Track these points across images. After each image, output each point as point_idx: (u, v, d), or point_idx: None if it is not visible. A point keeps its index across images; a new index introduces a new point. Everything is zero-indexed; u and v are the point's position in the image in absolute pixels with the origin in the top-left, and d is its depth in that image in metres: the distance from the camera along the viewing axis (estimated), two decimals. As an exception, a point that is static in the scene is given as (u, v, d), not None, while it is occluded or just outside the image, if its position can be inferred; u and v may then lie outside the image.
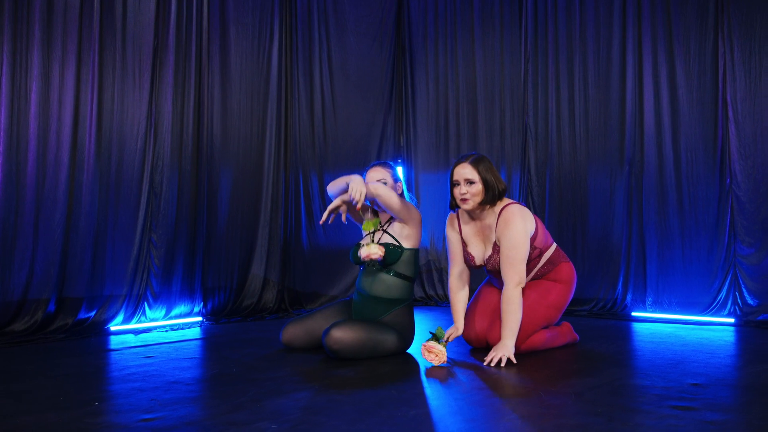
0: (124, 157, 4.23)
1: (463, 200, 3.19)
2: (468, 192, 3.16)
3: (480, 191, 3.17)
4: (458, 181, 3.20)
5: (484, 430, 2.03)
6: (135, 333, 4.08)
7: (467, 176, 3.17)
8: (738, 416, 2.16)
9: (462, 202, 3.20)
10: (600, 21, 4.88)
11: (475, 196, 3.17)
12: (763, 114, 4.26)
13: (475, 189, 3.16)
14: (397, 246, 3.29)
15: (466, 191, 3.17)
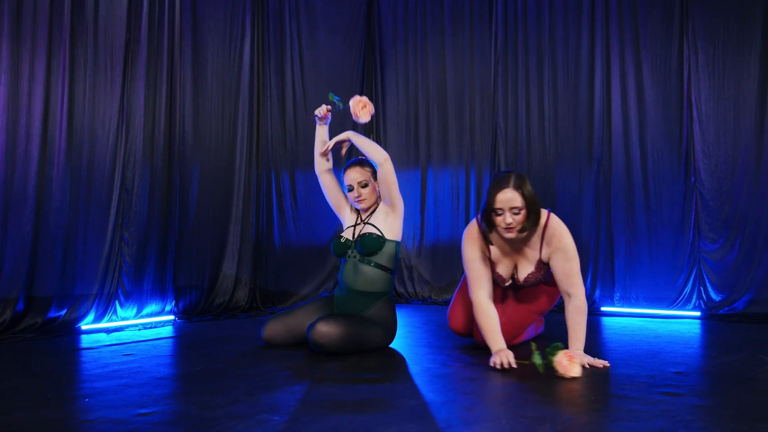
0: (96, 153, 4.14)
1: (508, 230, 2.85)
2: (514, 221, 2.83)
3: (525, 217, 2.84)
4: (502, 210, 2.83)
5: (483, 416, 2.06)
6: (107, 332, 4.00)
7: (513, 204, 2.81)
8: (723, 401, 2.24)
9: (507, 231, 2.86)
10: (569, 24, 4.98)
11: (521, 224, 2.85)
12: (726, 115, 4.42)
13: (521, 217, 2.83)
14: (379, 236, 3.31)
15: (512, 221, 2.82)
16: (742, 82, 4.39)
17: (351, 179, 3.43)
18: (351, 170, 3.46)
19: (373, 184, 3.43)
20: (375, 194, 3.45)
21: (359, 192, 3.40)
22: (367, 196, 3.41)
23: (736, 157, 4.40)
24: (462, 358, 3.09)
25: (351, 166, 3.48)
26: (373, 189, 3.43)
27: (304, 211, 5.31)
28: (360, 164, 3.47)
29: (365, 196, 3.41)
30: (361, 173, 3.42)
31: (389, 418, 2.06)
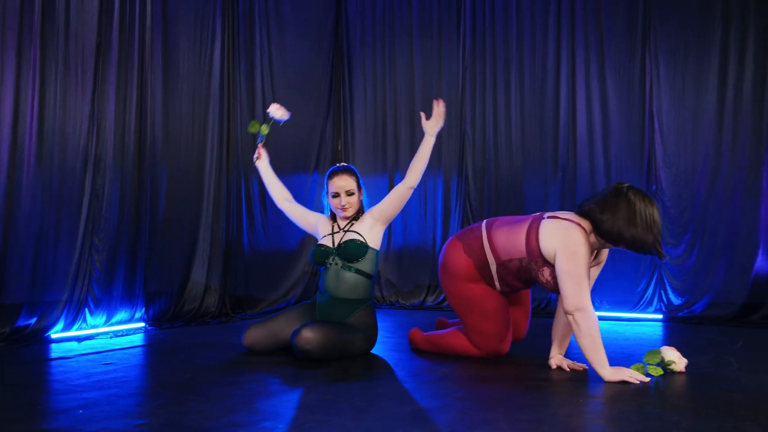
0: (67, 158, 4.07)
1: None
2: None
3: None
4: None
5: (482, 420, 2.13)
6: (78, 340, 3.94)
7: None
8: (703, 401, 2.37)
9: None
10: (536, 34, 5.12)
11: None
12: (686, 126, 4.62)
13: None
14: (363, 243, 3.36)
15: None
16: (701, 95, 4.59)
17: (338, 187, 3.45)
18: (339, 177, 3.47)
19: (357, 194, 3.47)
20: (358, 204, 3.49)
21: (346, 201, 3.43)
22: (351, 205, 3.45)
23: (695, 166, 4.60)
24: (445, 363, 3.15)
25: (338, 173, 3.49)
26: (357, 199, 3.47)
27: (273, 217, 5.31)
28: (348, 172, 3.50)
29: (350, 204, 3.44)
30: (349, 182, 3.46)
31: (391, 423, 2.11)
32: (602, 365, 2.65)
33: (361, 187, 3.54)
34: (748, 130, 4.46)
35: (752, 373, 2.86)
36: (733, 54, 4.52)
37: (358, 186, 3.49)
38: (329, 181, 3.50)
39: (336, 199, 3.45)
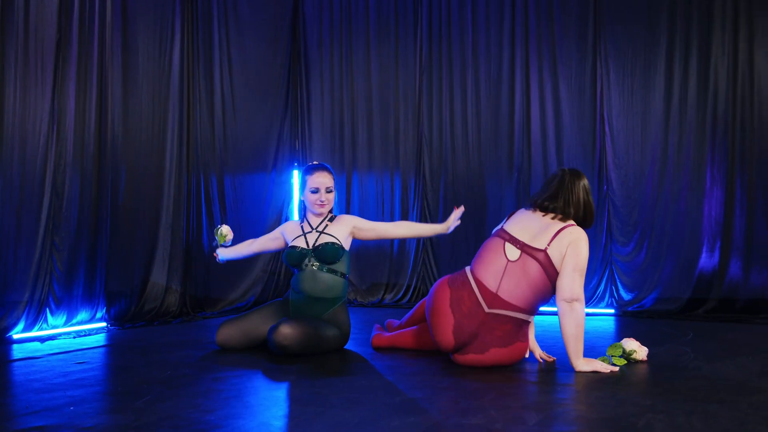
0: (27, 156, 3.99)
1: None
2: None
3: None
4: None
5: (473, 408, 2.24)
6: (41, 340, 3.87)
7: None
8: (670, 386, 2.54)
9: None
10: (491, 40, 5.28)
11: None
12: (635, 129, 4.85)
13: None
14: (339, 245, 3.43)
15: None
16: (648, 100, 4.83)
17: (319, 183, 3.50)
18: (320, 174, 3.53)
19: (334, 192, 3.55)
20: (332, 203, 3.57)
21: (325, 197, 3.50)
22: (329, 202, 3.53)
23: (643, 167, 4.84)
24: (419, 357, 3.25)
25: (318, 169, 3.55)
26: (333, 197, 3.56)
27: (232, 216, 5.30)
28: (327, 170, 3.58)
29: (328, 201, 3.52)
30: (329, 179, 3.54)
31: (386, 413, 2.20)
32: (579, 356, 2.80)
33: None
34: (692, 133, 4.72)
35: (709, 361, 3.06)
36: (678, 61, 4.77)
37: (334, 182, 3.56)
38: (308, 177, 3.55)
39: (315, 194, 3.51)
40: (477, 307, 2.88)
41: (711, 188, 4.67)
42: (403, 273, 5.50)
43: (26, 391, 2.58)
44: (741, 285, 4.57)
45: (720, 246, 4.63)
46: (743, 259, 4.57)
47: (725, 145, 4.64)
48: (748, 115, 4.60)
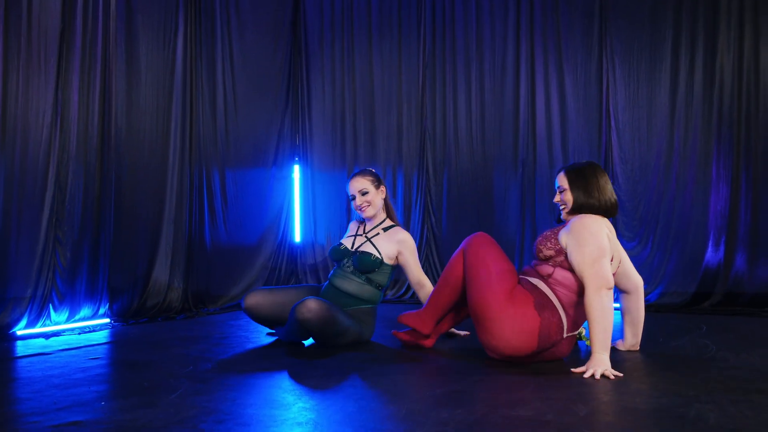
0: (29, 149, 3.89)
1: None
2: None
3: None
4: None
5: (516, 399, 2.20)
6: (46, 337, 3.77)
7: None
8: (706, 375, 2.53)
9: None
10: (495, 34, 5.26)
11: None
12: (640, 123, 4.86)
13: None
14: (377, 258, 3.40)
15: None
16: (654, 94, 4.85)
17: (353, 189, 3.52)
18: (354, 181, 3.54)
19: (374, 192, 3.50)
20: (378, 204, 3.52)
21: (361, 200, 3.49)
22: (369, 203, 3.49)
23: (649, 162, 4.85)
24: (441, 351, 3.21)
25: (353, 177, 3.57)
26: (375, 196, 3.50)
27: (233, 211, 5.23)
28: (361, 173, 3.56)
29: (367, 202, 3.49)
30: (361, 182, 3.51)
31: (431, 405, 2.15)
32: (599, 347, 2.64)
33: (381, 184, 3.56)
34: (698, 127, 4.74)
35: (734, 353, 3.06)
36: (684, 56, 4.79)
37: (373, 183, 3.52)
38: (347, 188, 3.57)
39: (353, 201, 3.53)
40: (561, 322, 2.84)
41: (716, 182, 4.70)
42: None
43: (48, 386, 2.49)
44: (746, 278, 4.60)
45: (725, 240, 4.65)
46: (748, 252, 4.60)
47: (731, 139, 4.67)
48: (754, 110, 4.64)
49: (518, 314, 2.76)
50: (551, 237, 2.91)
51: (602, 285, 2.68)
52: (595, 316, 2.66)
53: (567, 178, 2.96)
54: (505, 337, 2.76)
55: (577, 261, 2.76)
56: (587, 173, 2.94)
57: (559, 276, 2.84)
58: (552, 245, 2.87)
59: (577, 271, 2.76)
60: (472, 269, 2.93)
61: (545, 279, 2.87)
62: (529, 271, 2.99)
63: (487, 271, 2.87)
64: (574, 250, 2.78)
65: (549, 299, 2.81)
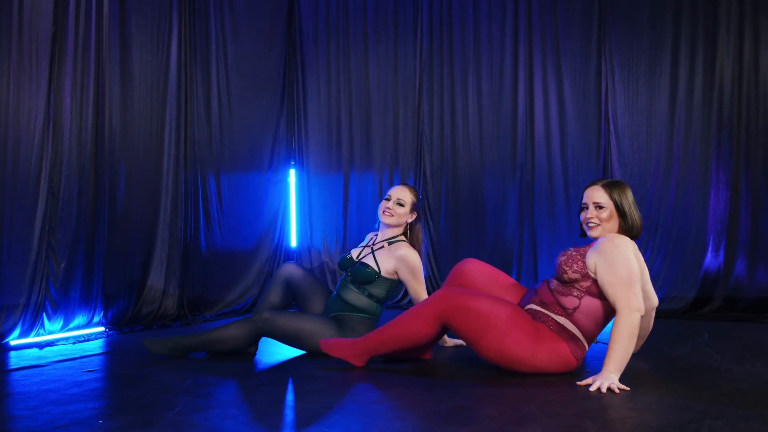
0: (21, 154, 3.81)
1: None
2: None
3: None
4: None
5: (527, 414, 2.16)
6: (39, 346, 3.70)
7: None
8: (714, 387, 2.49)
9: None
10: (493, 38, 5.22)
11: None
12: (639, 129, 4.83)
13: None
14: (373, 270, 3.37)
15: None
16: (653, 99, 4.82)
17: (394, 193, 3.49)
18: (400, 188, 3.51)
19: (407, 210, 3.46)
20: (401, 221, 3.48)
21: (392, 206, 3.45)
22: (396, 215, 3.45)
23: (648, 167, 4.82)
24: (436, 366, 3.18)
25: (402, 185, 3.54)
26: (405, 214, 3.47)
27: (229, 215, 5.17)
28: (410, 189, 3.52)
29: (395, 213, 3.45)
30: (406, 193, 3.48)
31: (437, 422, 2.11)
32: (610, 365, 2.58)
33: (417, 212, 3.53)
34: (698, 133, 4.72)
35: (738, 362, 3.03)
36: (683, 61, 4.76)
37: (413, 203, 3.49)
38: (390, 189, 3.56)
39: (385, 201, 3.49)
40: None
41: (716, 187, 4.67)
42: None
43: (45, 402, 2.44)
44: (746, 284, 4.57)
45: (725, 245, 4.63)
46: (748, 257, 4.58)
47: (730, 144, 4.64)
48: (753, 116, 4.61)
49: (550, 348, 2.73)
50: (577, 258, 2.76)
51: (634, 309, 2.61)
52: (620, 339, 2.58)
53: (608, 194, 2.81)
54: (545, 371, 2.77)
55: (611, 282, 2.65)
56: (626, 191, 2.84)
57: (585, 308, 2.74)
58: (579, 268, 2.74)
59: (609, 293, 2.66)
60: (474, 330, 2.74)
61: (569, 314, 2.76)
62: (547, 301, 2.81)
63: (496, 322, 2.72)
64: (606, 271, 2.66)
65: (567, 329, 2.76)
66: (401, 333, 2.85)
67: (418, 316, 2.81)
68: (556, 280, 2.84)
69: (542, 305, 2.83)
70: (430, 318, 2.78)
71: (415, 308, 2.85)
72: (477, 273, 3.13)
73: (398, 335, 2.86)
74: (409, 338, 2.85)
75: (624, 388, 2.51)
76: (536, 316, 2.81)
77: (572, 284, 2.76)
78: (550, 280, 2.89)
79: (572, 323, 2.76)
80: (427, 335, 2.82)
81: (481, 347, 2.77)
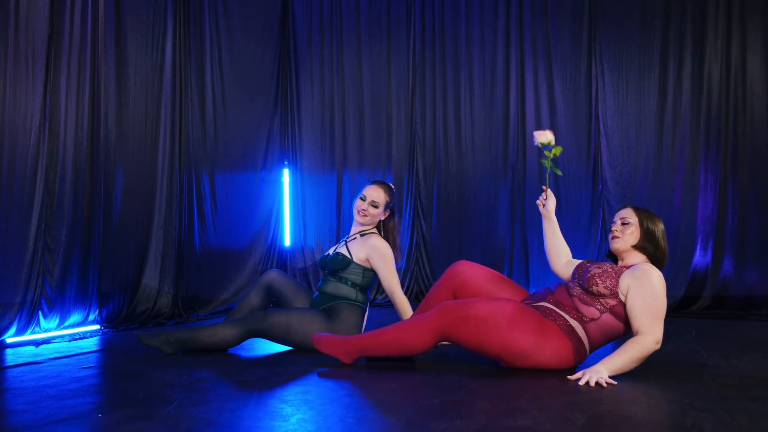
0: (17, 153, 3.84)
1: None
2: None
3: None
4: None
5: (517, 407, 2.21)
6: (35, 344, 3.73)
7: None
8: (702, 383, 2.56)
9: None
10: (485, 40, 5.29)
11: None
12: (629, 130, 4.91)
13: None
14: (345, 257, 3.48)
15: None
16: (643, 102, 4.89)
17: (368, 194, 3.56)
18: (374, 188, 3.58)
19: (380, 210, 3.55)
20: (376, 220, 3.57)
21: (366, 207, 3.54)
22: (369, 216, 3.55)
23: (638, 167, 4.90)
24: (431, 361, 3.23)
25: (377, 183, 3.61)
26: (378, 214, 3.55)
27: (223, 216, 5.22)
28: (384, 187, 3.59)
29: (369, 214, 3.55)
30: (380, 194, 3.55)
31: (429, 416, 2.16)
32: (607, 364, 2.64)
33: (391, 211, 3.62)
34: (686, 134, 4.79)
35: (724, 358, 3.10)
36: (672, 64, 4.84)
37: (386, 204, 3.56)
38: (365, 186, 3.63)
39: (360, 201, 3.56)
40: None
41: (704, 188, 4.75)
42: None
43: (43, 398, 2.47)
44: (734, 282, 4.66)
45: (713, 244, 4.71)
46: (736, 256, 4.66)
47: (718, 146, 4.72)
48: (741, 118, 4.69)
49: (554, 346, 2.77)
50: (612, 276, 2.78)
51: (656, 340, 2.68)
52: (629, 352, 2.65)
53: (636, 214, 2.90)
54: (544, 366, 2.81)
55: (641, 309, 2.69)
56: (656, 220, 2.92)
57: (603, 323, 2.78)
58: (611, 285, 2.75)
59: (636, 319, 2.69)
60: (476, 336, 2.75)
61: (584, 321, 2.79)
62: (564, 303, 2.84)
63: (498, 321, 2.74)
64: (638, 298, 2.70)
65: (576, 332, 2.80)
66: (396, 341, 2.88)
67: (416, 327, 2.83)
68: (580, 288, 2.85)
69: (557, 305, 2.86)
70: (428, 332, 2.80)
71: (413, 319, 2.90)
72: (471, 274, 3.19)
73: (393, 342, 2.89)
74: (403, 347, 2.88)
75: (612, 383, 2.56)
76: (547, 314, 2.84)
77: (598, 298, 2.78)
78: (572, 285, 2.90)
79: (583, 330, 2.80)
80: (422, 347, 2.85)
81: (484, 348, 2.79)
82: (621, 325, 2.79)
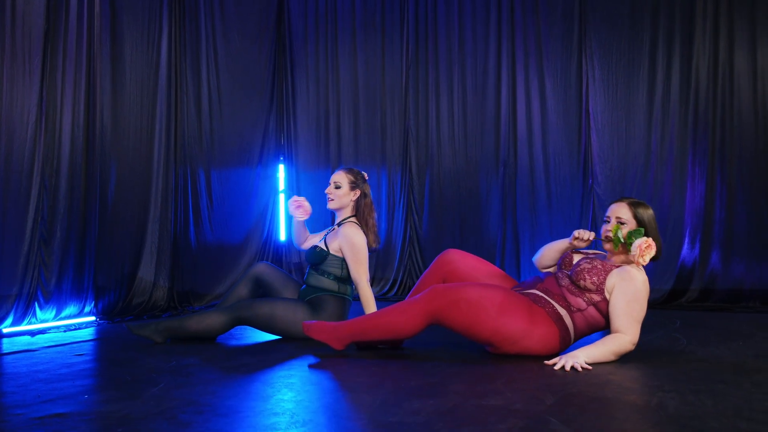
0: (14, 148, 3.92)
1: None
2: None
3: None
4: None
5: (492, 389, 2.28)
6: (31, 334, 3.81)
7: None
8: (676, 367, 2.61)
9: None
10: (477, 37, 5.36)
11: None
12: (619, 125, 4.96)
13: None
14: (322, 250, 3.55)
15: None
16: (632, 97, 4.95)
17: (332, 178, 3.66)
18: (335, 173, 3.68)
19: (346, 190, 3.59)
20: (344, 202, 3.60)
21: (331, 191, 3.61)
22: (336, 198, 3.60)
23: (627, 162, 4.95)
24: (418, 346, 3.29)
25: (337, 170, 3.69)
26: (345, 194, 3.59)
27: (218, 211, 5.29)
28: (344, 169, 3.67)
29: (335, 196, 3.61)
30: (340, 176, 3.63)
31: (405, 396, 2.23)
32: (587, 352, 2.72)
33: (358, 188, 3.61)
34: (675, 129, 4.85)
35: (703, 346, 3.16)
36: (661, 60, 4.89)
37: (350, 183, 3.60)
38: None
39: (328, 188, 3.65)
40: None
41: (692, 182, 4.80)
42: (390, 266, 5.54)
43: (33, 381, 2.55)
44: (721, 275, 4.71)
45: (701, 238, 4.76)
46: (723, 250, 4.71)
47: (706, 141, 4.77)
48: (728, 113, 4.74)
49: (543, 332, 2.82)
50: (600, 273, 2.83)
51: (632, 342, 2.75)
52: (607, 345, 2.74)
53: (632, 211, 2.92)
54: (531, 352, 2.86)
55: (623, 310, 2.75)
56: (649, 212, 2.95)
57: (588, 315, 2.85)
58: (598, 281, 2.81)
59: (616, 319, 2.77)
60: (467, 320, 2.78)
61: (571, 311, 2.86)
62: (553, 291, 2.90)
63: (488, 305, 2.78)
64: (621, 299, 2.76)
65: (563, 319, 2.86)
66: (386, 325, 2.90)
67: (407, 311, 2.84)
68: (568, 279, 2.90)
69: (546, 293, 2.92)
70: (418, 315, 2.81)
71: (404, 303, 2.92)
72: (461, 262, 3.23)
73: (383, 326, 2.91)
74: (393, 331, 2.90)
75: (587, 367, 2.63)
76: (536, 300, 2.89)
77: (584, 292, 2.85)
78: (561, 276, 2.94)
79: (570, 319, 2.86)
80: (412, 330, 2.87)
81: (474, 332, 2.82)
82: (603, 320, 2.87)
